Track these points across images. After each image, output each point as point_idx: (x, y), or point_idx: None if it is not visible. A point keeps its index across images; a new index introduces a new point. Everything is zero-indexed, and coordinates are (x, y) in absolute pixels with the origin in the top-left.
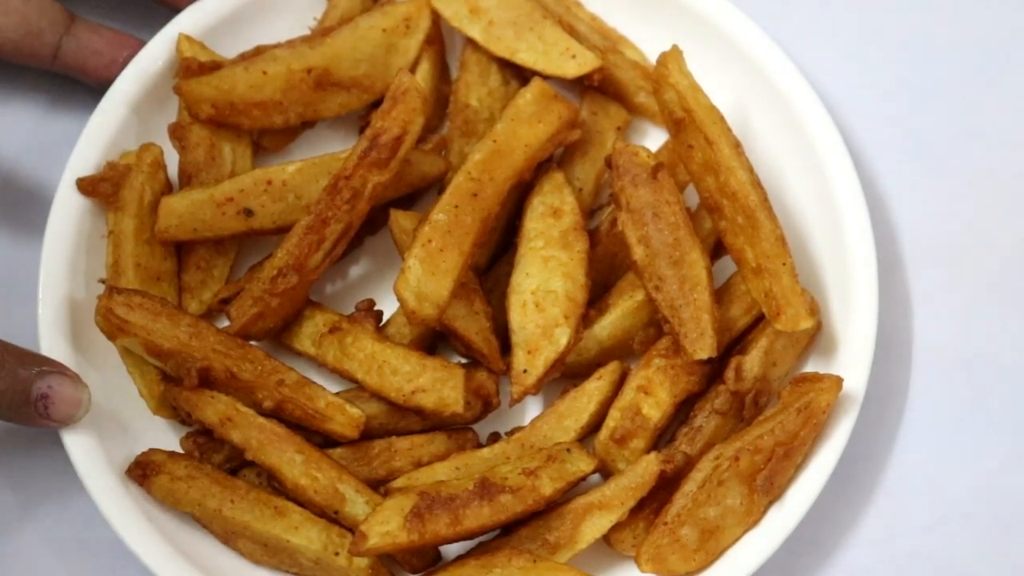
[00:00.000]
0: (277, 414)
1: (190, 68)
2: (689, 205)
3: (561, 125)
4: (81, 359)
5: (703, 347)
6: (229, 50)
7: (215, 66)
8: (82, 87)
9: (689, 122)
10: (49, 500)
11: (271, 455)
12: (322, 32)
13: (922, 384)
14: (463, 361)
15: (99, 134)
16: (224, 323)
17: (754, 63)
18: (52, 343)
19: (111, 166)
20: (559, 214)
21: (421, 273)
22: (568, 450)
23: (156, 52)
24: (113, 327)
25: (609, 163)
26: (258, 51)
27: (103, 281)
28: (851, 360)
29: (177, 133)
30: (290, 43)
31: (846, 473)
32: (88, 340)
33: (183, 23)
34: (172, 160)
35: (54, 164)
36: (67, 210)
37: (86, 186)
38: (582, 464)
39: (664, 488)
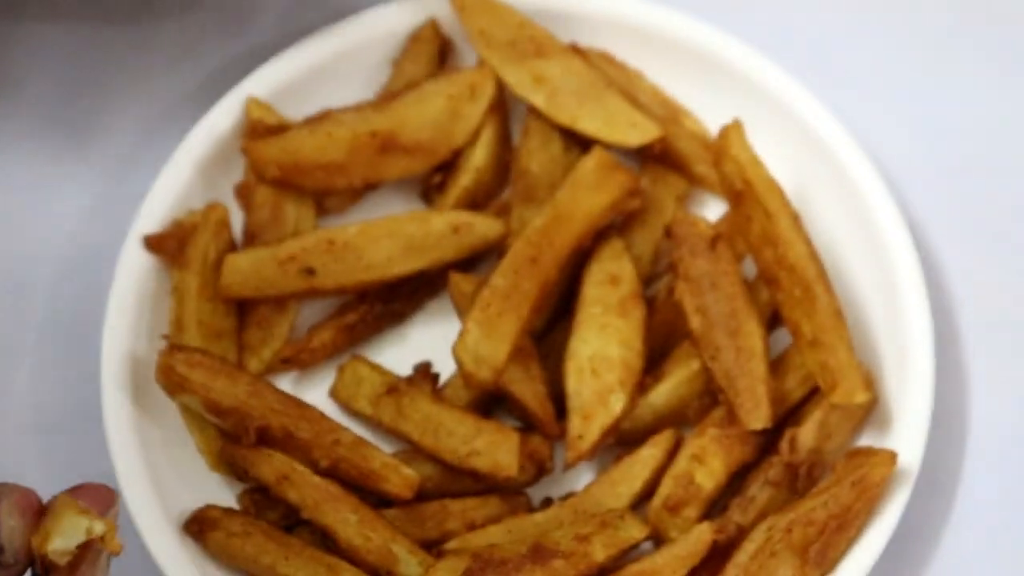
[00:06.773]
0: (333, 473)
1: (257, 129)
2: (746, 276)
3: (621, 194)
4: (142, 414)
5: (758, 417)
6: (296, 113)
7: (282, 128)
8: (152, 147)
9: (748, 195)
10: None
11: (326, 514)
12: (388, 97)
13: (978, 460)
14: (518, 425)
15: (166, 193)
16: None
17: (814, 136)
18: (113, 398)
19: (177, 224)
20: (617, 282)
21: (479, 336)
22: (621, 517)
23: (225, 112)
24: (173, 384)
25: (668, 232)
26: (325, 114)
27: (166, 337)
28: (906, 434)
29: (243, 193)
30: (356, 107)
31: (899, 548)
32: (150, 396)
33: (251, 86)
34: (237, 220)
35: (120, 224)
36: (132, 268)
37: (152, 243)
38: (634, 531)
39: (716, 558)
